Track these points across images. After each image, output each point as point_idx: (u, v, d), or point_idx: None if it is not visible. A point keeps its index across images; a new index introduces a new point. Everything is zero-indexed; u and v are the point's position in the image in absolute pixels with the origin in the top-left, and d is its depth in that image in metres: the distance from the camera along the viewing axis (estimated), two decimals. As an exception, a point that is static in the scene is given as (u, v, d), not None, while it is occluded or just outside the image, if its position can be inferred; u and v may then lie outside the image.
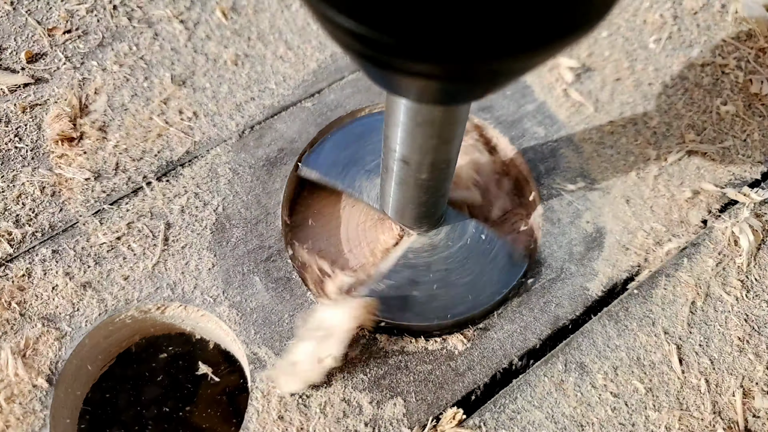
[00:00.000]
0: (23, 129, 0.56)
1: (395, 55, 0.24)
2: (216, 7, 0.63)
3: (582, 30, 0.24)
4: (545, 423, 0.46)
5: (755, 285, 0.51)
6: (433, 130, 0.39)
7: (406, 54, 0.24)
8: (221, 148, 0.56)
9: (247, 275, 0.51)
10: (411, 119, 0.38)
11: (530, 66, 0.27)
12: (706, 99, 0.60)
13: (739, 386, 0.47)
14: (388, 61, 0.26)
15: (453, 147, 0.42)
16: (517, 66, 0.26)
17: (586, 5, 0.24)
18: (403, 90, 0.32)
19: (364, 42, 0.24)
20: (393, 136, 0.41)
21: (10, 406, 0.45)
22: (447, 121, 0.38)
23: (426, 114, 0.37)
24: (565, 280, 0.51)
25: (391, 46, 0.24)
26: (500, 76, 0.27)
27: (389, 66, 0.26)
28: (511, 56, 0.24)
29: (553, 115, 0.59)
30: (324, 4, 0.23)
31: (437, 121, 0.38)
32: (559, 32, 0.24)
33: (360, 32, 0.23)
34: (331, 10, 0.23)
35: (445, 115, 0.37)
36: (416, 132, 0.39)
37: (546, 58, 0.26)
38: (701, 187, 0.55)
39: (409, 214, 0.50)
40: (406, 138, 0.40)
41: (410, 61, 0.25)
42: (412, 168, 0.43)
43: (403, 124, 0.39)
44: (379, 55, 0.25)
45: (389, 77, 0.30)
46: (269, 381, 0.46)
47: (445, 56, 0.24)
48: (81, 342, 0.48)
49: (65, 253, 0.51)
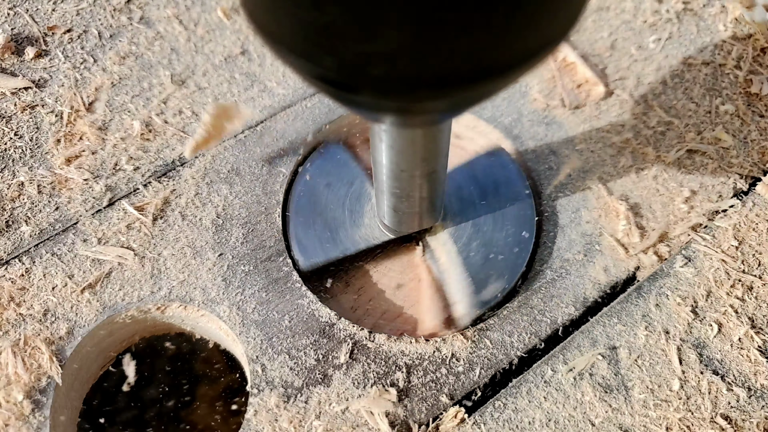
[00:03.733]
0: (23, 128, 0.56)
1: (357, 92, 0.25)
2: (216, 6, 0.63)
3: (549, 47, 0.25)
4: (545, 423, 0.46)
5: (755, 285, 0.51)
6: (415, 145, 0.39)
7: (365, 91, 0.25)
8: (221, 148, 0.56)
9: (247, 275, 0.51)
10: (393, 137, 0.38)
11: (492, 91, 0.27)
12: (705, 99, 0.60)
13: (740, 386, 0.47)
14: (354, 99, 0.26)
15: (440, 155, 0.42)
16: (484, 90, 0.26)
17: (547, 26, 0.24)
18: (373, 120, 0.33)
19: (325, 82, 0.25)
20: (378, 150, 0.41)
21: (10, 405, 0.45)
22: (429, 136, 0.38)
23: (404, 134, 0.38)
24: (565, 280, 0.51)
25: (350, 87, 0.24)
26: (469, 102, 0.28)
27: (356, 103, 0.27)
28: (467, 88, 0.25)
29: (553, 115, 0.59)
30: (282, 48, 0.24)
31: (418, 137, 0.38)
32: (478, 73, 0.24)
33: (319, 74, 0.24)
34: (291, 56, 0.24)
35: (424, 133, 0.38)
36: (398, 150, 0.39)
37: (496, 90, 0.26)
38: (701, 187, 0.55)
39: (400, 220, 0.50)
40: (392, 151, 0.40)
41: (369, 98, 0.26)
42: (404, 177, 0.43)
43: (385, 144, 0.39)
44: (344, 96, 0.26)
45: (358, 111, 0.30)
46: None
47: (398, 94, 0.24)
48: (81, 342, 0.48)
49: (65, 253, 0.51)
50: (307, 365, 0.47)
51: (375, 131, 0.39)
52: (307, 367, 0.47)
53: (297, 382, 0.47)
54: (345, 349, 0.48)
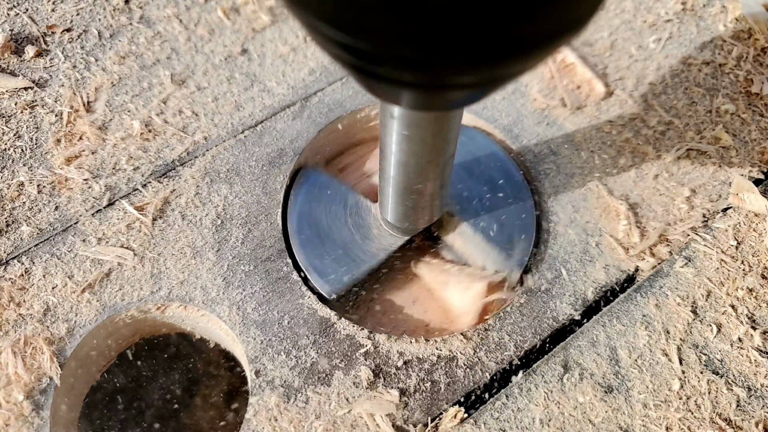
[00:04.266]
0: (23, 128, 0.56)
1: (383, 65, 0.25)
2: (216, 6, 0.63)
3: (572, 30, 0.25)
4: (545, 423, 0.46)
5: (755, 285, 0.51)
6: (426, 134, 0.39)
7: (391, 64, 0.25)
8: (221, 148, 0.56)
9: (247, 275, 0.51)
10: (404, 125, 0.38)
11: (515, 73, 0.27)
12: (705, 99, 0.60)
13: (740, 386, 0.47)
14: (378, 72, 0.26)
15: (448, 148, 0.42)
16: (507, 71, 0.26)
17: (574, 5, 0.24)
18: (391, 98, 0.33)
19: (350, 52, 0.25)
20: (388, 143, 0.41)
21: (10, 405, 0.45)
22: (439, 125, 0.38)
23: (418, 120, 0.38)
24: (564, 280, 0.51)
25: (378, 56, 0.24)
26: (489, 83, 0.28)
27: (379, 77, 0.27)
28: (495, 64, 0.25)
29: (553, 115, 0.59)
30: (313, 17, 0.24)
31: (430, 125, 0.38)
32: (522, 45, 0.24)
33: (345, 42, 0.24)
34: (318, 23, 0.24)
35: (437, 120, 0.38)
36: (410, 137, 0.39)
37: (526, 68, 0.26)
38: (701, 187, 0.55)
39: (411, 216, 0.50)
40: (401, 142, 0.40)
41: (394, 71, 0.26)
42: (410, 172, 0.43)
43: (397, 132, 0.39)
44: (367, 66, 0.26)
45: (379, 87, 0.30)
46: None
47: (428, 66, 0.24)
48: (81, 342, 0.48)
49: (65, 253, 0.51)
50: (307, 365, 0.47)
51: (386, 120, 0.39)
52: (306, 368, 0.47)
53: (297, 382, 0.47)
54: (345, 349, 0.48)
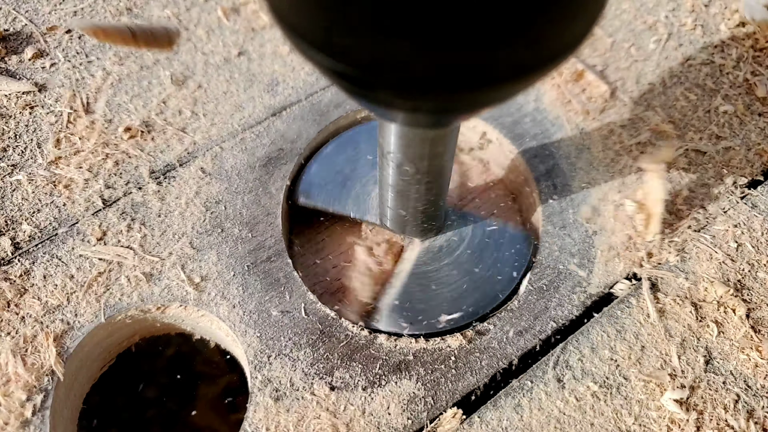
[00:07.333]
0: (23, 128, 0.56)
1: (377, 91, 0.25)
2: (216, 6, 0.63)
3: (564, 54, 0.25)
4: (545, 423, 0.46)
5: (755, 285, 0.51)
6: (424, 144, 0.39)
7: (384, 89, 0.25)
8: (221, 148, 0.56)
9: (247, 275, 0.51)
10: (401, 135, 0.39)
11: (510, 94, 0.27)
12: (705, 99, 0.60)
13: (741, 386, 0.47)
14: (371, 96, 0.27)
15: (447, 153, 0.42)
16: (499, 94, 0.27)
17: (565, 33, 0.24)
18: (388, 118, 0.33)
19: (344, 79, 0.25)
20: (386, 145, 0.41)
21: (10, 405, 0.45)
22: (438, 135, 0.38)
23: (416, 133, 0.38)
24: (564, 281, 0.51)
25: (371, 84, 0.25)
26: (482, 105, 0.28)
27: (373, 100, 0.27)
28: (490, 87, 0.25)
29: (554, 116, 0.59)
30: (305, 44, 0.24)
31: (428, 136, 0.38)
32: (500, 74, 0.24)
33: (338, 70, 0.24)
34: (311, 50, 0.24)
35: (435, 132, 0.38)
36: (409, 144, 0.40)
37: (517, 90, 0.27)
38: (701, 187, 0.55)
39: (410, 222, 0.50)
40: (400, 146, 0.40)
41: (386, 97, 0.26)
42: (409, 176, 0.43)
43: (396, 137, 0.40)
44: (362, 92, 0.26)
45: (374, 108, 0.31)
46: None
47: (421, 92, 0.25)
48: (81, 342, 0.48)
49: (65, 253, 0.51)
50: (306, 365, 0.47)
51: (383, 124, 0.40)
52: (306, 368, 0.47)
53: (297, 382, 0.47)
54: (344, 349, 0.48)
